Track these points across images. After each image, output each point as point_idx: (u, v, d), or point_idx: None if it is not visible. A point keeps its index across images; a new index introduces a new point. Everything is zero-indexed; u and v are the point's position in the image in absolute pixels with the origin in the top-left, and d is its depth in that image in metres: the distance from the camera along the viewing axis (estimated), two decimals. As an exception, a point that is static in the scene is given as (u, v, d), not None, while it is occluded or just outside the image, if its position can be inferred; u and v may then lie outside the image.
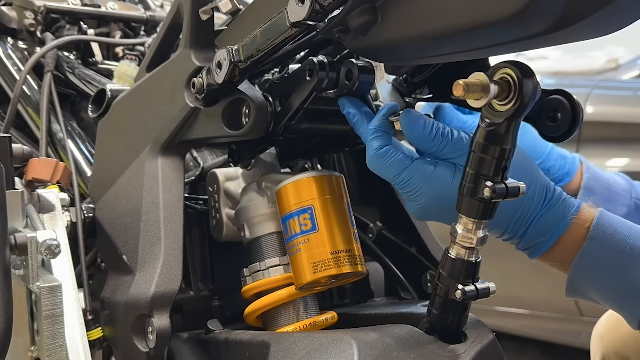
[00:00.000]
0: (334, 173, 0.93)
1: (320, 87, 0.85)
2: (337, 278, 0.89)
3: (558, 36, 0.62)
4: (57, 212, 1.05)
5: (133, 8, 1.65)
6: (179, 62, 0.98)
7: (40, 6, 1.50)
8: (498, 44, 0.65)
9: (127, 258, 1.00)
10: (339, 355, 0.74)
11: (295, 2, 0.72)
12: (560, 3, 0.57)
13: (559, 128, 0.88)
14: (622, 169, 2.56)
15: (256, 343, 0.85)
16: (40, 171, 1.05)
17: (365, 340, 0.75)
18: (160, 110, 1.01)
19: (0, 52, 1.49)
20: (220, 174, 1.09)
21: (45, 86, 1.33)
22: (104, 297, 1.04)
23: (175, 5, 1.02)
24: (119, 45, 1.57)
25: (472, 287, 0.77)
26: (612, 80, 3.01)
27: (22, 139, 1.43)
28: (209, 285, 1.11)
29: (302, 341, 0.80)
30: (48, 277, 0.93)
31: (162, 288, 0.91)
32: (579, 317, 2.69)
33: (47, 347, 0.91)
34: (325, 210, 0.88)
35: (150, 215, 0.98)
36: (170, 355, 0.95)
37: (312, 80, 0.85)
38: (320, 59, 0.85)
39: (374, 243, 1.17)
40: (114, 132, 1.14)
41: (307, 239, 0.87)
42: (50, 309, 0.90)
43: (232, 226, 1.07)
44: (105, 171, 1.13)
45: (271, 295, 0.93)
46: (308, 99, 0.87)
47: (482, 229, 0.76)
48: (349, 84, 0.86)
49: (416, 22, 0.68)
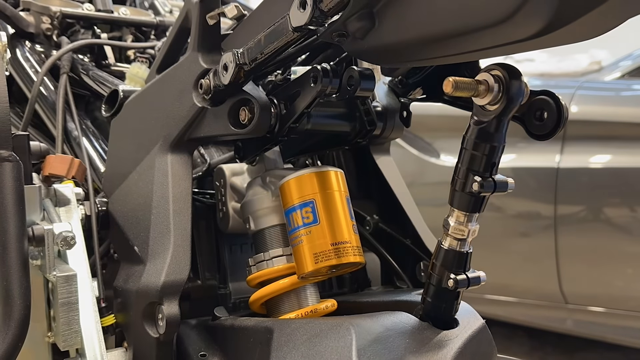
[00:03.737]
0: (334, 169, 0.93)
1: (324, 93, 0.85)
2: (337, 268, 0.89)
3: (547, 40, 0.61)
4: (72, 206, 1.05)
5: (144, 13, 1.65)
6: (187, 64, 0.98)
7: (56, 12, 1.50)
8: (490, 47, 0.65)
9: (139, 249, 1.00)
10: (338, 340, 0.74)
11: (297, 8, 0.71)
12: (550, 8, 0.57)
13: (545, 127, 0.87)
14: (605, 166, 2.57)
15: (260, 329, 0.85)
16: (57, 167, 1.05)
17: (362, 326, 0.75)
18: (169, 109, 1.01)
19: (18, 55, 1.49)
20: (227, 170, 1.09)
21: (61, 87, 1.33)
22: (117, 285, 1.04)
23: (184, 11, 1.02)
24: (131, 48, 1.57)
25: (464, 276, 0.78)
26: (595, 82, 3.01)
27: (39, 137, 1.43)
28: (215, 275, 1.11)
29: (304, 327, 0.80)
30: (64, 267, 0.93)
31: (171, 277, 0.91)
32: (564, 304, 2.69)
33: (63, 332, 0.91)
34: (326, 204, 0.88)
35: (160, 209, 0.97)
36: (179, 340, 0.95)
37: (316, 86, 0.85)
38: (324, 66, 0.85)
39: (371, 235, 1.17)
40: (126, 131, 1.14)
41: (309, 231, 0.88)
42: (66, 297, 0.91)
43: (238, 219, 1.07)
44: (118, 167, 1.13)
45: (275, 284, 0.93)
46: (312, 104, 0.87)
47: (473, 221, 0.76)
48: (351, 89, 0.86)
49: (411, 27, 0.67)
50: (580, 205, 2.64)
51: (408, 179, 1.96)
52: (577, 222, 2.63)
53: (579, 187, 2.62)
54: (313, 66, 0.86)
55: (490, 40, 0.64)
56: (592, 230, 2.60)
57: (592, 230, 2.60)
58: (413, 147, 3.06)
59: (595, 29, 0.63)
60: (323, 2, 0.69)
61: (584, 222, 2.62)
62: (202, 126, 0.97)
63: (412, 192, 1.18)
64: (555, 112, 0.86)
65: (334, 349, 0.74)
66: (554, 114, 0.86)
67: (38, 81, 1.36)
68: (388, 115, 1.02)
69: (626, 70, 2.96)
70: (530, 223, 2.75)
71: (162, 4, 1.79)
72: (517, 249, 2.81)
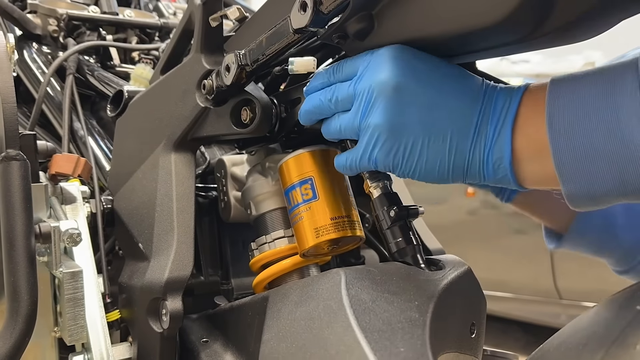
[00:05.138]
0: (330, 148, 0.93)
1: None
2: (338, 243, 0.89)
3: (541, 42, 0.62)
4: (78, 204, 1.05)
5: (148, 16, 1.64)
6: (190, 65, 0.98)
7: (62, 14, 1.50)
8: (485, 48, 0.65)
9: (143, 246, 1.00)
10: (328, 282, 0.75)
11: (298, 10, 0.71)
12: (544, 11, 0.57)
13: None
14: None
15: (257, 300, 0.85)
16: (63, 166, 1.05)
17: (352, 269, 0.76)
18: (173, 109, 1.01)
19: (26, 56, 1.49)
20: (227, 160, 1.10)
21: (67, 87, 1.33)
22: (122, 281, 1.04)
23: (187, 13, 1.02)
24: (135, 50, 1.57)
25: (403, 207, 0.81)
26: (589, 82, 3.01)
27: (46, 136, 1.43)
28: (218, 271, 1.11)
29: (296, 284, 0.81)
30: (70, 264, 0.93)
31: (175, 274, 0.91)
32: (559, 300, 2.69)
33: (69, 327, 0.91)
34: (324, 180, 0.88)
35: (164, 207, 0.97)
36: (182, 332, 0.95)
37: None
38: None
39: (370, 232, 1.17)
40: (131, 130, 1.14)
41: (309, 207, 0.87)
42: (72, 293, 0.91)
43: (240, 207, 1.07)
44: (123, 166, 1.13)
45: (277, 265, 0.93)
46: None
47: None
48: None
49: (409, 29, 0.68)
50: (575, 203, 2.63)
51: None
52: (571, 219, 2.62)
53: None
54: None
55: (486, 42, 0.64)
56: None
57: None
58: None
59: (588, 32, 0.63)
60: (323, 4, 0.69)
61: (578, 219, 2.62)
62: (205, 126, 0.97)
63: (410, 190, 1.18)
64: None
65: (324, 288, 0.75)
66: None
67: (45, 82, 1.36)
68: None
69: (619, 71, 2.96)
70: (525, 220, 2.75)
71: (165, 7, 1.79)
72: (512, 245, 2.82)
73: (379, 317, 0.70)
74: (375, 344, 0.66)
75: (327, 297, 0.73)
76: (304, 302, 0.76)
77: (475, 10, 0.60)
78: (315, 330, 0.72)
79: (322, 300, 0.74)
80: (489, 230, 2.78)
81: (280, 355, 0.74)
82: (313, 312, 0.74)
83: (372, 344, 0.66)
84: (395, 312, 0.71)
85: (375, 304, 0.71)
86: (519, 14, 0.56)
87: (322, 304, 0.73)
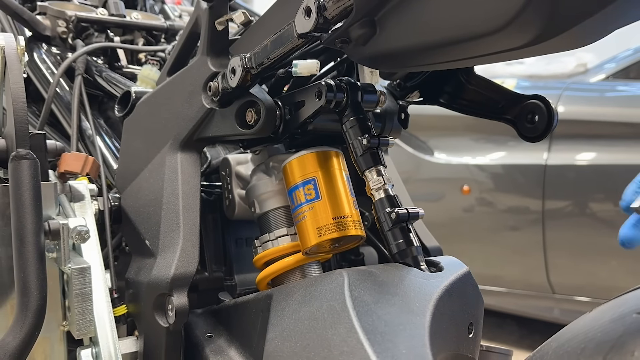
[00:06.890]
0: (334, 149, 0.92)
1: (328, 108, 0.85)
2: (340, 242, 0.89)
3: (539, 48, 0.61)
4: (86, 202, 1.05)
5: (155, 18, 1.64)
6: (197, 67, 0.97)
7: (71, 16, 1.50)
8: (485, 54, 0.65)
9: (150, 243, 1.00)
10: (331, 282, 0.75)
11: (302, 16, 0.71)
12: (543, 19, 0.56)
13: (536, 129, 0.88)
14: (590, 163, 2.57)
15: (261, 298, 0.85)
16: (72, 164, 1.05)
17: (354, 271, 0.77)
18: (179, 110, 1.01)
19: (35, 57, 1.49)
20: (232, 159, 1.09)
21: (76, 88, 1.33)
22: (129, 277, 1.03)
23: (194, 16, 1.01)
24: (142, 51, 1.57)
25: (403, 210, 0.82)
26: (581, 83, 3.01)
27: (55, 136, 1.42)
28: (222, 267, 1.11)
29: (300, 284, 0.81)
30: (78, 260, 0.93)
31: (180, 270, 0.91)
32: (552, 294, 2.69)
33: (77, 322, 0.91)
34: (327, 181, 0.88)
35: (170, 205, 0.97)
36: (187, 327, 0.95)
37: (320, 101, 0.85)
38: (328, 82, 0.84)
39: (369, 230, 1.17)
40: (138, 130, 1.13)
41: (312, 206, 0.87)
42: (80, 288, 0.90)
43: (244, 205, 1.07)
44: (130, 164, 1.13)
45: (280, 262, 0.93)
46: (315, 115, 0.87)
47: (384, 173, 0.84)
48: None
49: (411, 34, 0.67)
50: (567, 201, 2.64)
51: (404, 175, 1.96)
52: (564, 216, 2.63)
53: (565, 183, 2.62)
54: (318, 82, 0.86)
55: (485, 48, 0.64)
56: (578, 224, 2.61)
57: (578, 224, 2.61)
58: (408, 145, 3.06)
59: (585, 39, 0.62)
60: (327, 10, 0.69)
61: (570, 216, 2.62)
62: (211, 126, 0.97)
63: (408, 188, 1.18)
64: (546, 115, 0.87)
65: (327, 289, 0.75)
66: (545, 117, 0.87)
67: (54, 82, 1.36)
68: (387, 117, 1.02)
69: (610, 73, 2.96)
70: (519, 217, 2.75)
71: (171, 9, 1.78)
72: (507, 242, 2.82)
73: (381, 318, 0.70)
74: (378, 346, 0.66)
75: (330, 297, 0.74)
76: (308, 302, 0.76)
77: (476, 17, 0.60)
78: (319, 330, 0.72)
79: (325, 301, 0.74)
80: (484, 226, 2.78)
81: (285, 354, 0.74)
82: (317, 313, 0.74)
83: (375, 346, 0.66)
84: (397, 314, 0.71)
85: (377, 306, 0.71)
86: (518, 22, 0.56)
87: (325, 304, 0.73)
